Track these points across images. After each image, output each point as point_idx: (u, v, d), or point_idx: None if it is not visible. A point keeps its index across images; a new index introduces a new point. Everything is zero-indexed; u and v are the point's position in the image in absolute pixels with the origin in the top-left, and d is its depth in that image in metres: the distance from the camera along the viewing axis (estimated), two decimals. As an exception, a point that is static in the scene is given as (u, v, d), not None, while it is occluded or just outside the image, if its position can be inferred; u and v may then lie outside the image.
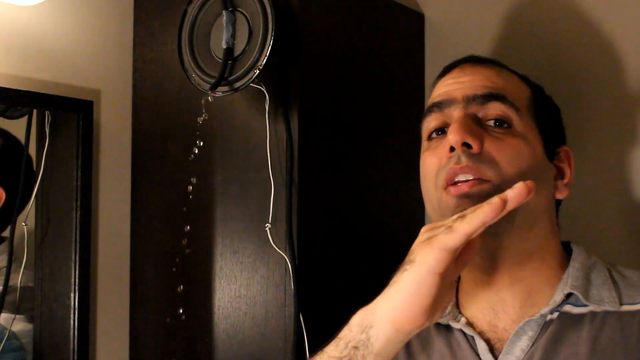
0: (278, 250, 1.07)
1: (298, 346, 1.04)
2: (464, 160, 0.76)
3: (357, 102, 1.23)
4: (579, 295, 0.74)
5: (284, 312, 1.07)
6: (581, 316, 0.74)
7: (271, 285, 1.09)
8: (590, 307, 0.74)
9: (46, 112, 1.21)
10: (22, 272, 1.21)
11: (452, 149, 0.77)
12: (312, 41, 1.13)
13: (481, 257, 0.78)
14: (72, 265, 1.20)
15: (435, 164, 0.80)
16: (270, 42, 1.02)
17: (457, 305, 0.84)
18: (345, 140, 1.20)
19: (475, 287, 0.81)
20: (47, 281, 1.22)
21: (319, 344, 0.92)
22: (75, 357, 1.19)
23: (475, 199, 0.74)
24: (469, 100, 0.80)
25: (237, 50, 1.05)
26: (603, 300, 0.74)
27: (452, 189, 0.77)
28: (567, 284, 0.76)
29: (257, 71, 1.02)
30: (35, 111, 1.21)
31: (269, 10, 1.02)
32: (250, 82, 1.03)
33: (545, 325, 0.75)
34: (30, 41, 1.18)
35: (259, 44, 1.03)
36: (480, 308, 0.80)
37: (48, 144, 1.22)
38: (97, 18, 1.28)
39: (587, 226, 1.15)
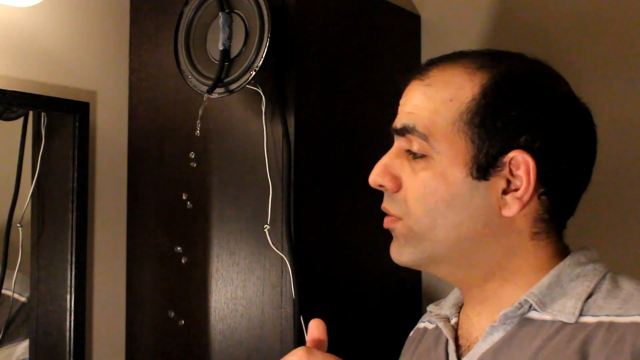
0: (277, 251, 1.07)
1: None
2: (384, 199, 0.80)
3: (353, 103, 1.23)
4: (533, 303, 0.73)
5: (280, 313, 1.07)
6: (542, 322, 0.72)
7: (267, 286, 1.09)
8: (550, 316, 0.72)
9: (42, 113, 1.21)
10: (15, 276, 1.20)
11: None
12: (308, 43, 1.13)
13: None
14: (68, 266, 1.19)
15: None
16: (266, 44, 1.02)
17: (461, 306, 0.85)
18: (342, 141, 1.20)
19: (464, 296, 0.83)
20: (43, 283, 1.22)
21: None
22: (71, 359, 1.19)
23: (393, 234, 0.79)
24: (396, 132, 0.81)
25: (234, 52, 1.05)
26: (562, 311, 0.72)
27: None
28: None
29: (254, 73, 1.02)
30: (31, 113, 1.20)
31: (265, 11, 1.02)
32: (247, 84, 1.03)
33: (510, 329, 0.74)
34: (27, 42, 1.18)
35: (255, 45, 1.03)
36: (464, 316, 0.82)
37: (44, 146, 1.21)
38: (93, 19, 1.28)
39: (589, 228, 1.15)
